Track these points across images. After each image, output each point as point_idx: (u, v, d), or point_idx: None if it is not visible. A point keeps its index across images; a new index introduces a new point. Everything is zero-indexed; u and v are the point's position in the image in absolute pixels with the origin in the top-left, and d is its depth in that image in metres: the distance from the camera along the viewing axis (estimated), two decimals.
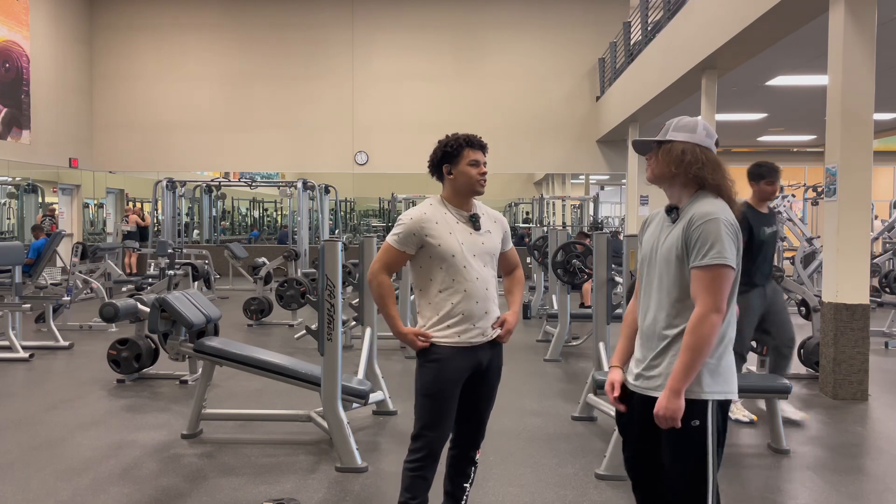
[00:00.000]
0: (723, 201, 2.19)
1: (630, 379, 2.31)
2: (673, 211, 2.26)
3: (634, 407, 2.29)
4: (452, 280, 2.59)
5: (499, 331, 2.69)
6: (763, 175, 4.61)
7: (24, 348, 6.74)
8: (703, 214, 2.13)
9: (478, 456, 2.76)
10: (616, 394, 2.33)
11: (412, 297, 5.41)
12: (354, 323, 6.92)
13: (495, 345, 2.71)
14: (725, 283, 2.10)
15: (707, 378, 2.14)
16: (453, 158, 2.65)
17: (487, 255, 2.67)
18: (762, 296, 4.60)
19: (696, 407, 2.13)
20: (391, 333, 2.89)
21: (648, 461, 2.31)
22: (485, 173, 2.66)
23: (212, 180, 16.54)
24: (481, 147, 2.68)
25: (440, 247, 2.59)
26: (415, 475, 2.61)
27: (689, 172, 2.20)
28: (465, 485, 2.73)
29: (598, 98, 15.21)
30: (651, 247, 2.29)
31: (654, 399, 2.17)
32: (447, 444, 2.73)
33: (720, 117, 10.46)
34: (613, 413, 3.99)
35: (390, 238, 2.66)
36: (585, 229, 15.91)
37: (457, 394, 2.62)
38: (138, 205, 18.48)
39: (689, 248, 2.14)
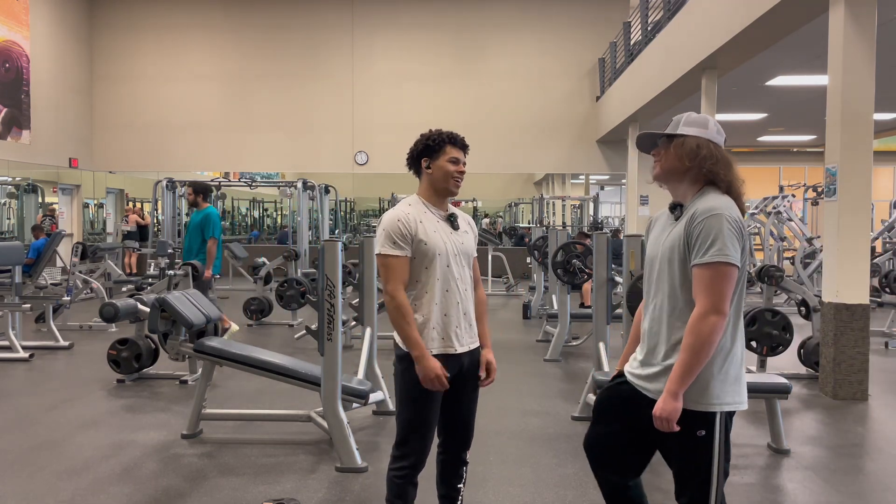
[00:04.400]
0: (729, 198, 2.12)
1: (630, 369, 2.27)
2: (677, 208, 2.18)
3: (624, 395, 2.25)
4: (437, 280, 2.53)
5: (483, 374, 2.65)
6: None
7: (24, 348, 6.74)
8: (706, 210, 2.05)
9: (468, 456, 2.74)
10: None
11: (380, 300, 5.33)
12: (354, 323, 6.92)
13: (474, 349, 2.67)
14: (727, 282, 2.00)
15: (717, 388, 2.07)
16: (434, 153, 2.58)
17: (466, 255, 2.62)
18: None
19: (704, 418, 2.07)
20: (390, 333, 2.83)
21: (616, 448, 2.29)
22: (462, 172, 2.60)
23: (212, 180, 16.52)
24: (463, 146, 2.62)
25: (427, 245, 2.52)
26: (403, 482, 2.58)
27: (703, 167, 2.12)
28: (458, 486, 2.71)
29: (598, 98, 15.20)
30: (655, 248, 2.21)
31: (646, 396, 2.15)
32: (436, 449, 2.70)
33: (720, 117, 10.46)
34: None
35: (384, 249, 2.50)
36: (585, 229, 15.91)
37: (440, 398, 2.57)
38: (138, 205, 18.48)
39: (690, 244, 2.06)
